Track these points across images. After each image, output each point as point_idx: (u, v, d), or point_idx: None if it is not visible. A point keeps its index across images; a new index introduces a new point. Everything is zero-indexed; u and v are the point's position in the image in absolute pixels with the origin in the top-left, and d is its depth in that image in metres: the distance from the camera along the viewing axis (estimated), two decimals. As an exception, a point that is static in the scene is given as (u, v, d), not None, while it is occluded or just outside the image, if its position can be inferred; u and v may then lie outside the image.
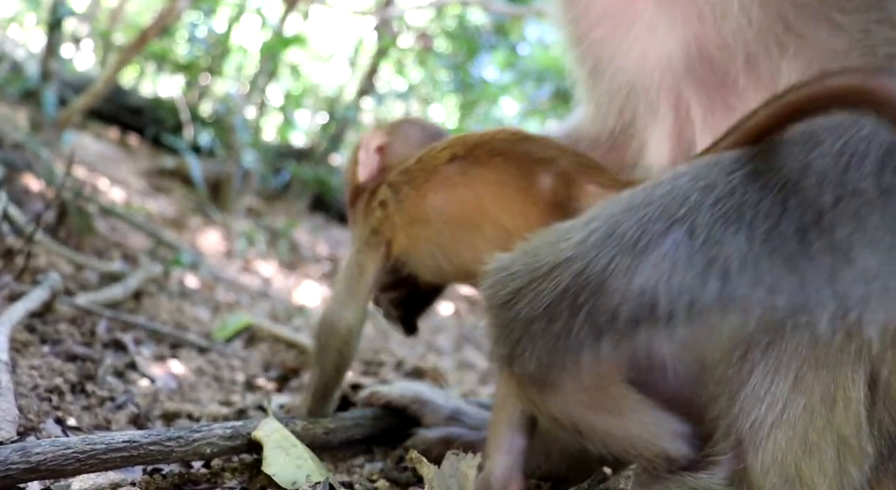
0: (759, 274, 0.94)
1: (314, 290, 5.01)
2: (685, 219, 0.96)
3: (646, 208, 0.98)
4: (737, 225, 0.95)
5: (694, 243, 0.95)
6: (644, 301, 0.94)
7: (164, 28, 4.97)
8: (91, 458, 1.13)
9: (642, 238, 0.95)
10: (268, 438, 1.28)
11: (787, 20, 1.12)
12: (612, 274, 0.95)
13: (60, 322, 2.23)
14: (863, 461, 1.02)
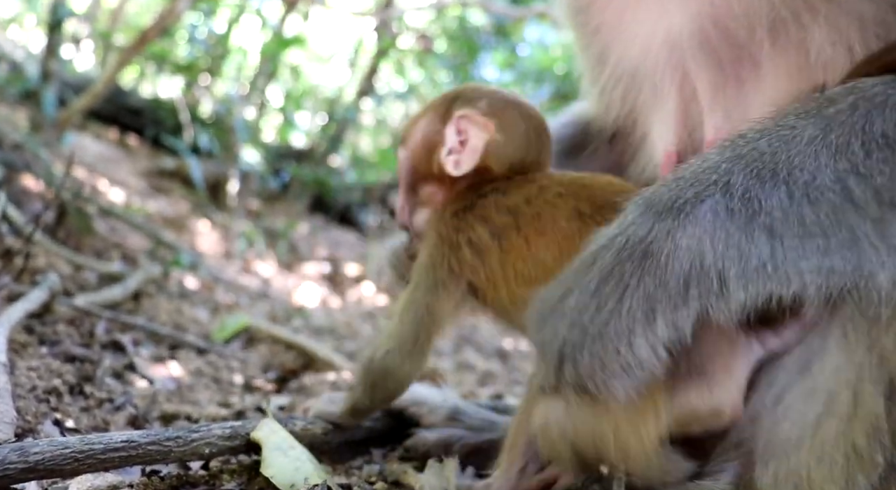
0: (806, 227, 0.91)
1: (314, 290, 5.01)
2: (718, 182, 0.94)
3: (677, 181, 0.97)
4: (773, 181, 0.92)
5: (732, 201, 0.92)
6: (693, 258, 0.90)
7: (164, 29, 4.97)
8: (89, 457, 1.13)
9: (678, 202, 0.93)
10: (266, 439, 1.28)
11: None
12: (655, 239, 0.92)
13: (59, 323, 2.23)
14: (872, 471, 1.01)
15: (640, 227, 0.94)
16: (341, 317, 4.38)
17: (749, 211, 0.92)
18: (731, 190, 0.93)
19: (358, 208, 7.48)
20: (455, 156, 1.34)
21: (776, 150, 0.95)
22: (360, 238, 7.16)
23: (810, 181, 0.92)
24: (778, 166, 0.93)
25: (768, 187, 0.92)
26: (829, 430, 1.00)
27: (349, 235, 7.21)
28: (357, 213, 7.49)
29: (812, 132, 0.95)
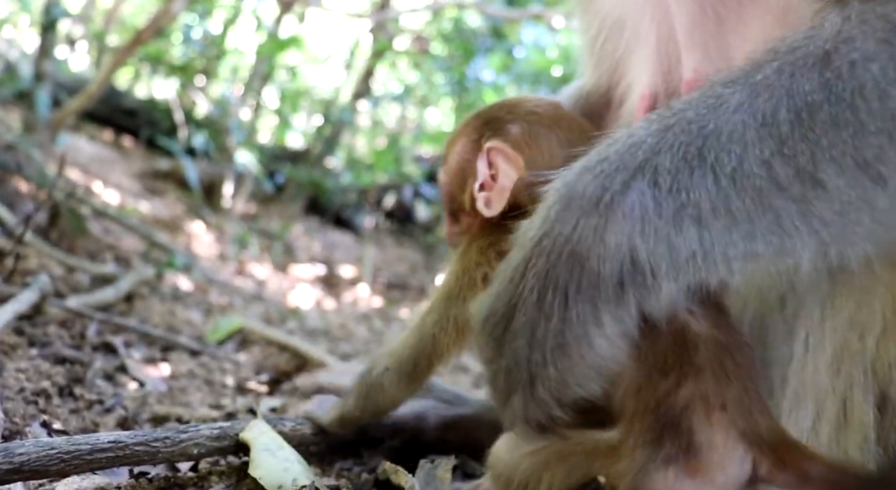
0: (734, 216, 0.90)
1: (308, 292, 5.00)
2: (645, 167, 0.91)
3: (601, 164, 0.93)
4: (700, 168, 0.90)
5: (659, 192, 0.90)
6: (623, 257, 0.89)
7: (159, 30, 4.96)
8: (76, 458, 1.12)
9: (604, 195, 0.90)
10: (255, 440, 1.27)
11: None
12: (582, 238, 0.89)
13: (50, 324, 2.22)
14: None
15: (565, 224, 0.91)
16: (336, 319, 4.37)
17: (677, 203, 0.90)
18: (659, 179, 0.90)
19: (353, 210, 7.48)
20: (486, 193, 1.26)
21: (703, 121, 0.92)
22: (356, 240, 7.15)
23: (737, 166, 0.90)
24: (705, 146, 0.91)
25: (696, 175, 0.90)
26: (823, 440, 0.99)
27: (344, 237, 7.20)
28: (352, 215, 7.49)
29: (739, 98, 0.93)
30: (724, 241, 0.90)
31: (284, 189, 7.09)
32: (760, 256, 0.92)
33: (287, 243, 6.03)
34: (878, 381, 0.98)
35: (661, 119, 0.96)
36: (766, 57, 0.97)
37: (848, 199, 0.91)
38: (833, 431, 0.98)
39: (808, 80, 0.91)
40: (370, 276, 5.79)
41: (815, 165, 0.90)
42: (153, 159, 6.58)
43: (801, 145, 0.90)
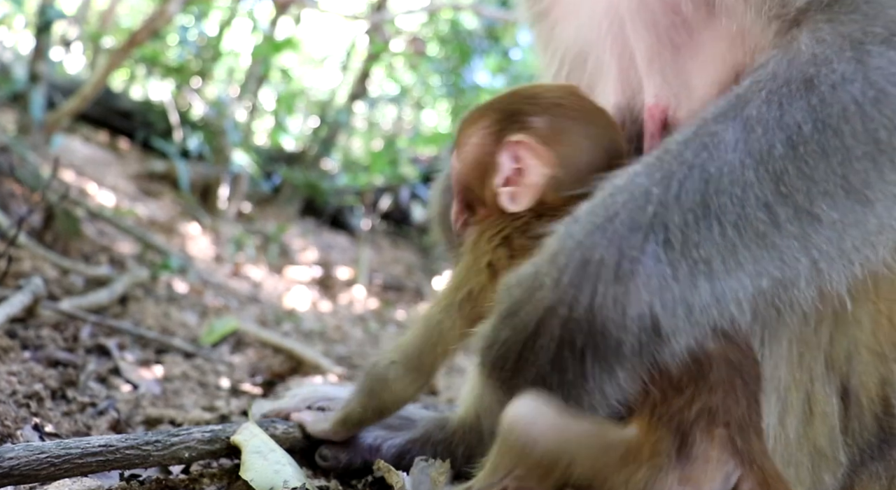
0: (741, 260, 0.94)
1: (304, 294, 4.99)
2: (656, 225, 0.94)
3: (612, 223, 0.95)
4: (706, 219, 0.94)
5: (673, 253, 0.94)
6: (645, 326, 0.93)
7: (154, 31, 4.95)
8: (66, 462, 1.12)
9: (622, 262, 0.93)
10: (246, 443, 1.27)
11: None
12: (601, 308, 0.93)
13: (43, 327, 2.21)
14: (836, 469, 1.04)
15: (583, 293, 0.94)
16: (332, 320, 4.37)
17: (690, 262, 0.94)
18: (670, 237, 0.94)
19: (349, 211, 7.47)
20: (511, 188, 1.22)
21: (704, 165, 0.96)
22: (352, 241, 7.15)
23: (740, 212, 0.95)
24: (708, 192, 0.95)
25: (703, 227, 0.94)
26: (793, 436, 1.03)
27: (340, 239, 7.20)
28: (349, 217, 7.48)
29: (734, 135, 0.97)
30: (734, 287, 0.95)
31: (280, 191, 7.09)
32: (766, 292, 0.97)
33: (283, 245, 6.03)
34: (838, 372, 1.03)
35: (662, 163, 0.98)
36: (752, 87, 1.00)
37: (842, 227, 0.96)
38: (800, 425, 1.02)
39: (797, 109, 0.95)
40: (366, 278, 5.79)
41: (810, 201, 0.95)
42: (148, 161, 6.57)
43: (798, 182, 0.95)
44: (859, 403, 1.04)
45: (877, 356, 1.04)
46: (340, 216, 7.51)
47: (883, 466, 1.05)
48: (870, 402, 1.04)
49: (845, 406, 1.03)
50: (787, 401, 1.03)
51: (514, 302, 1.00)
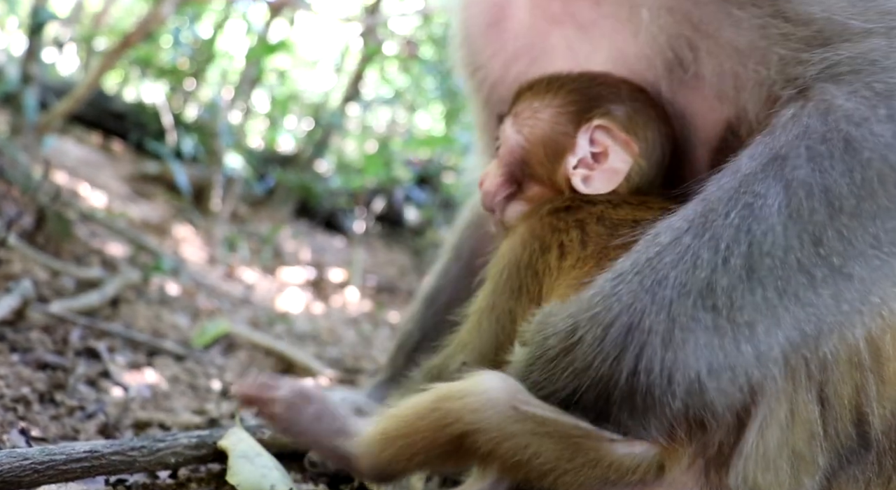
0: (780, 321, 0.99)
1: (297, 296, 4.98)
2: (704, 290, 0.98)
3: (662, 287, 0.98)
4: (750, 282, 0.99)
5: (720, 319, 0.98)
6: (692, 392, 0.98)
7: (148, 33, 4.94)
8: (50, 468, 1.12)
9: (673, 330, 0.97)
10: (233, 448, 1.27)
11: (692, 21, 1.13)
12: (647, 373, 0.97)
13: (32, 330, 2.20)
14: (815, 472, 1.06)
15: (627, 357, 0.97)
16: (325, 323, 4.36)
17: (735, 326, 0.98)
18: (718, 302, 0.98)
19: (343, 214, 7.46)
20: (585, 170, 1.21)
21: (750, 227, 1.00)
22: (345, 243, 7.14)
23: (782, 275, 0.99)
24: (752, 256, 0.99)
25: (747, 292, 0.99)
26: (775, 440, 1.04)
27: (334, 241, 7.19)
28: (342, 219, 7.47)
29: (778, 199, 1.00)
30: (773, 345, 1.00)
31: (274, 192, 7.07)
32: (799, 345, 1.02)
33: (276, 247, 6.01)
34: (817, 380, 1.06)
35: (708, 223, 1.02)
36: (791, 142, 1.03)
37: (870, 281, 1.01)
38: (782, 431, 1.05)
39: (838, 174, 1.00)
40: (359, 280, 5.78)
41: (845, 262, 1.00)
42: (142, 163, 6.55)
43: (836, 244, 1.00)
44: (836, 410, 1.06)
45: (853, 365, 1.06)
46: (334, 218, 7.50)
47: (860, 470, 1.08)
48: (846, 408, 1.06)
49: (824, 412, 1.05)
50: (773, 408, 1.05)
51: (547, 350, 1.03)
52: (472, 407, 1.01)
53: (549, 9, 1.32)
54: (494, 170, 1.32)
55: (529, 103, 1.29)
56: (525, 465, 1.02)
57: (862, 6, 1.08)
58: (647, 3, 1.16)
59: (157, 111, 6.09)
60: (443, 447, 1.03)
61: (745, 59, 1.11)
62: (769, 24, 1.08)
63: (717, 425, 1.04)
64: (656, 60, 1.20)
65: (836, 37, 1.07)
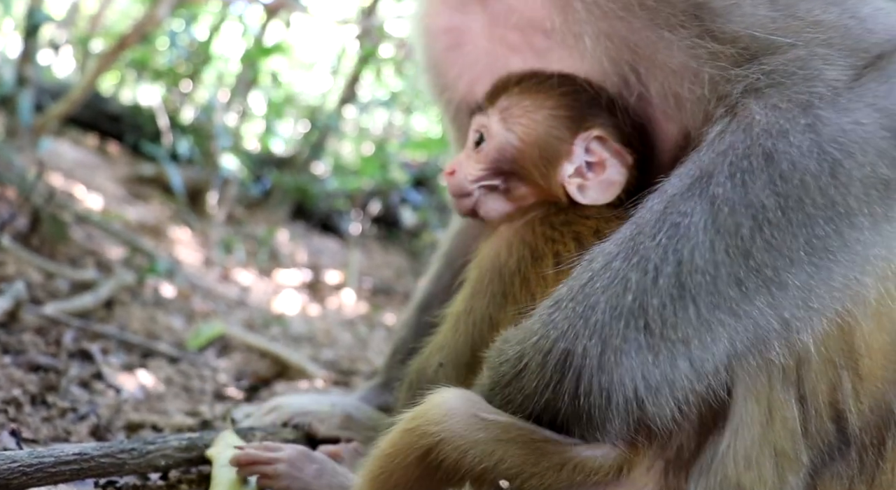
0: (716, 335, 1.02)
1: (293, 298, 4.98)
2: (635, 311, 1.01)
3: (594, 312, 1.02)
4: (682, 300, 1.02)
5: (653, 338, 1.01)
6: (630, 408, 1.01)
7: (143, 35, 4.94)
8: (39, 471, 1.11)
9: (606, 352, 1.01)
10: (218, 456, 1.26)
11: (630, 46, 1.17)
12: (587, 395, 1.01)
13: (25, 332, 2.20)
14: (799, 469, 1.08)
15: (567, 381, 1.02)
16: (321, 324, 4.36)
17: (669, 343, 1.02)
18: (650, 322, 1.01)
19: (339, 215, 7.46)
20: (580, 180, 1.23)
21: (677, 245, 1.03)
22: (342, 245, 7.14)
23: (713, 289, 1.02)
24: (682, 274, 1.02)
25: (680, 309, 1.02)
26: (755, 439, 1.06)
27: (330, 243, 7.19)
28: (338, 221, 7.47)
29: (703, 217, 1.03)
30: (712, 357, 1.03)
31: (270, 194, 7.07)
32: (741, 354, 1.04)
33: (273, 249, 6.01)
34: (792, 379, 1.08)
35: (637, 246, 1.05)
36: (714, 159, 1.06)
37: (808, 288, 1.03)
38: (762, 429, 1.06)
39: (760, 187, 1.03)
40: (356, 282, 5.78)
41: (778, 271, 1.02)
42: (138, 165, 6.54)
43: (765, 255, 1.02)
44: (815, 407, 1.08)
45: (826, 362, 1.08)
46: (330, 220, 7.50)
47: (843, 466, 1.09)
48: (824, 405, 1.08)
49: (803, 410, 1.07)
50: (748, 407, 1.07)
51: (502, 377, 1.07)
52: (434, 419, 1.04)
53: (508, 38, 1.35)
54: (470, 161, 1.32)
55: (519, 100, 1.29)
56: (492, 472, 1.04)
57: (783, 21, 1.10)
58: (587, 32, 1.18)
59: (153, 113, 6.08)
60: (416, 470, 1.06)
61: (680, 79, 1.14)
62: (697, 44, 1.11)
63: (678, 429, 1.07)
64: (606, 83, 1.24)
65: (761, 53, 1.09)
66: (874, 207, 1.04)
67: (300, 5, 6.32)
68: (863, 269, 1.05)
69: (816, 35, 1.09)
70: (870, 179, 1.03)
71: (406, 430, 1.07)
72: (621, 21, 1.14)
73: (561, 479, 1.05)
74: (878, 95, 1.06)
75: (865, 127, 1.04)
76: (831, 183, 1.02)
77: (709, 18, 1.10)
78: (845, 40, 1.10)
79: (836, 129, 1.03)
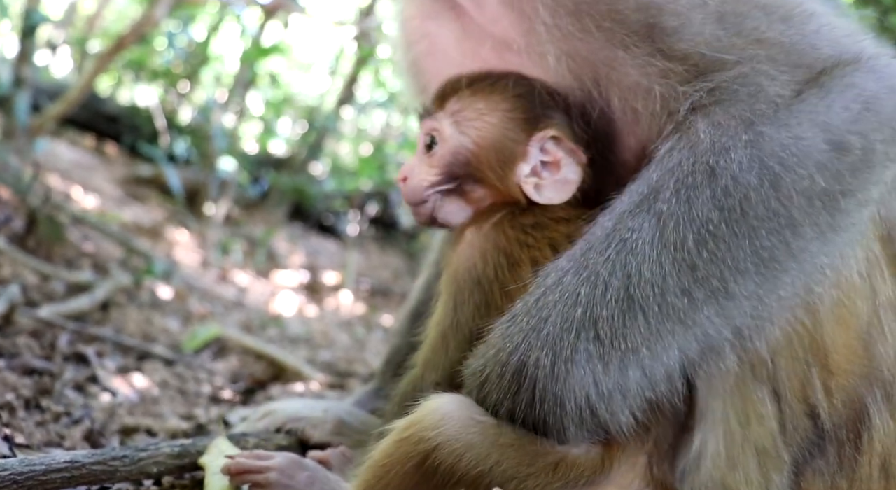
0: (666, 344, 1.06)
1: (291, 299, 4.97)
2: (586, 323, 1.06)
3: (546, 325, 1.07)
4: (632, 311, 1.06)
5: (603, 348, 1.06)
6: (584, 416, 1.05)
7: (141, 36, 4.93)
8: (29, 479, 1.11)
9: (557, 363, 1.05)
10: (210, 463, 1.26)
11: (591, 63, 1.21)
12: (541, 404, 1.06)
13: (20, 335, 2.19)
14: (782, 467, 1.11)
15: (523, 391, 1.06)
16: (318, 326, 4.35)
17: (619, 352, 1.06)
18: (600, 333, 1.06)
19: (337, 217, 7.46)
20: (535, 179, 1.24)
21: (625, 260, 1.07)
22: (340, 246, 7.13)
23: (662, 301, 1.06)
24: (631, 286, 1.06)
25: (629, 320, 1.06)
26: (735, 439, 1.09)
27: (328, 244, 7.18)
28: (336, 222, 7.47)
29: (650, 231, 1.08)
30: (663, 365, 1.07)
31: (268, 195, 7.06)
32: (694, 362, 1.08)
33: (270, 250, 6.00)
34: (764, 377, 1.11)
35: (588, 262, 1.09)
36: (662, 177, 1.10)
37: (757, 297, 1.07)
38: (740, 429, 1.10)
39: (704, 202, 1.07)
40: (353, 283, 5.77)
41: (724, 282, 1.06)
42: (135, 165, 6.54)
43: (711, 267, 1.06)
44: (791, 404, 1.11)
45: (795, 360, 1.11)
46: (328, 221, 7.50)
47: (824, 462, 1.12)
48: (798, 402, 1.11)
49: (779, 408, 1.11)
50: (724, 408, 1.10)
51: (472, 389, 1.12)
52: (430, 425, 1.06)
53: (480, 53, 1.38)
54: (422, 166, 1.30)
55: (471, 102, 1.28)
56: (487, 476, 1.05)
57: (729, 40, 1.13)
58: (550, 51, 1.22)
59: (150, 114, 6.08)
60: (413, 478, 1.07)
61: (635, 95, 1.18)
62: (649, 62, 1.15)
63: (652, 424, 1.11)
64: (570, 97, 1.28)
65: (709, 70, 1.13)
66: (818, 218, 1.07)
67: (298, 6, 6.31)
68: (813, 278, 1.09)
69: (760, 52, 1.13)
70: (811, 191, 1.07)
71: (401, 439, 1.08)
72: (581, 41, 1.19)
73: (556, 479, 1.07)
74: (818, 111, 1.10)
75: (805, 141, 1.07)
76: (773, 195, 1.06)
77: (659, 38, 1.15)
78: (789, 56, 1.13)
79: (776, 145, 1.07)
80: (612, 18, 1.16)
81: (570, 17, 1.18)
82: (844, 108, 1.10)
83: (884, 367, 1.14)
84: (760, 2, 1.18)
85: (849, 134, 1.09)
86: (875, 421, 1.12)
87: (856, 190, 1.09)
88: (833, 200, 1.08)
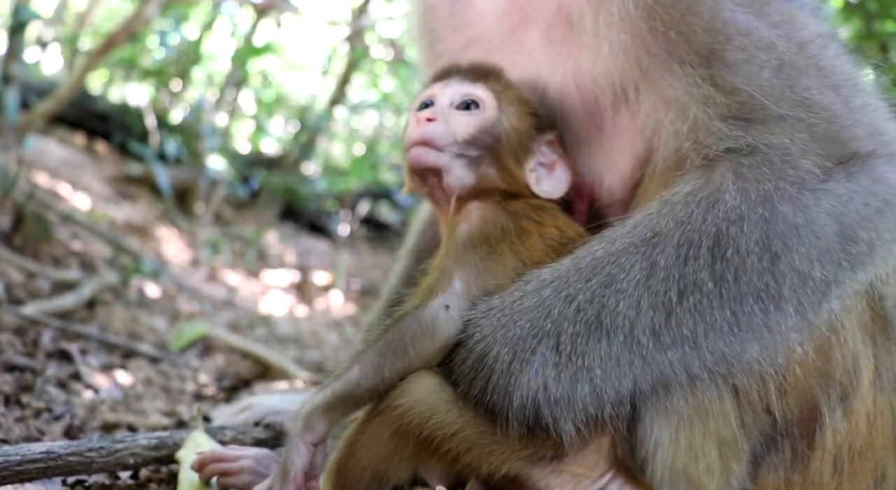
0: (622, 372, 1.11)
1: (281, 299, 4.97)
2: (550, 333, 1.11)
3: (514, 326, 1.12)
4: (596, 333, 1.10)
5: (559, 358, 1.11)
6: (527, 415, 1.09)
7: (132, 33, 4.92)
8: (4, 469, 1.11)
9: (514, 360, 1.11)
10: (186, 458, 1.26)
11: (641, 66, 1.23)
12: (492, 394, 1.10)
13: (3, 332, 2.19)
14: (742, 457, 1.15)
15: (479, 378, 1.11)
16: (307, 326, 4.35)
17: (574, 366, 1.10)
18: (560, 345, 1.11)
19: (328, 216, 7.46)
20: (537, 174, 1.33)
21: (605, 295, 1.12)
22: (331, 246, 7.13)
23: (629, 334, 1.10)
24: (603, 314, 1.11)
25: (592, 341, 1.11)
26: (696, 431, 1.13)
27: (319, 243, 7.18)
28: (328, 222, 7.47)
29: (637, 275, 1.12)
30: (613, 388, 1.11)
31: (259, 195, 7.06)
32: (644, 393, 1.12)
33: (261, 249, 6.00)
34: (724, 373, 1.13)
35: (570, 285, 1.14)
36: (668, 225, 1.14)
37: (722, 354, 1.11)
38: (701, 421, 1.13)
39: (700, 266, 1.11)
40: (344, 283, 5.77)
41: (695, 334, 1.10)
42: (125, 164, 6.51)
43: (686, 316, 1.11)
44: (749, 398, 1.14)
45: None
46: (319, 221, 7.49)
47: (778, 458, 1.17)
48: (756, 396, 1.14)
49: (738, 402, 1.14)
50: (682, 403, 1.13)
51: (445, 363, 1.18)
52: (402, 394, 1.14)
53: (527, 10, 1.38)
54: (454, 119, 1.30)
55: (508, 88, 1.36)
56: (451, 440, 1.11)
57: (781, 92, 1.16)
58: (610, 38, 1.24)
59: (141, 112, 6.07)
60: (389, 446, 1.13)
61: (668, 109, 1.20)
62: (698, 84, 1.17)
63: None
64: (606, 89, 1.30)
65: (754, 116, 1.15)
66: (805, 299, 1.11)
67: (291, 5, 6.31)
68: (778, 350, 1.12)
69: (804, 115, 1.14)
70: (807, 274, 1.10)
71: (375, 413, 1.15)
72: (643, 41, 1.21)
73: (520, 454, 1.13)
74: (839, 201, 1.13)
75: (816, 228, 1.11)
76: (769, 270, 1.10)
77: (717, 65, 1.17)
78: (829, 128, 1.16)
79: (788, 226, 1.11)
80: (680, 30, 1.18)
81: (643, 12, 1.20)
82: (864, 204, 1.14)
83: (839, 370, 1.17)
84: (819, 63, 1.20)
85: (860, 229, 1.13)
86: (827, 420, 1.16)
87: (849, 282, 1.13)
88: (824, 287, 1.11)
